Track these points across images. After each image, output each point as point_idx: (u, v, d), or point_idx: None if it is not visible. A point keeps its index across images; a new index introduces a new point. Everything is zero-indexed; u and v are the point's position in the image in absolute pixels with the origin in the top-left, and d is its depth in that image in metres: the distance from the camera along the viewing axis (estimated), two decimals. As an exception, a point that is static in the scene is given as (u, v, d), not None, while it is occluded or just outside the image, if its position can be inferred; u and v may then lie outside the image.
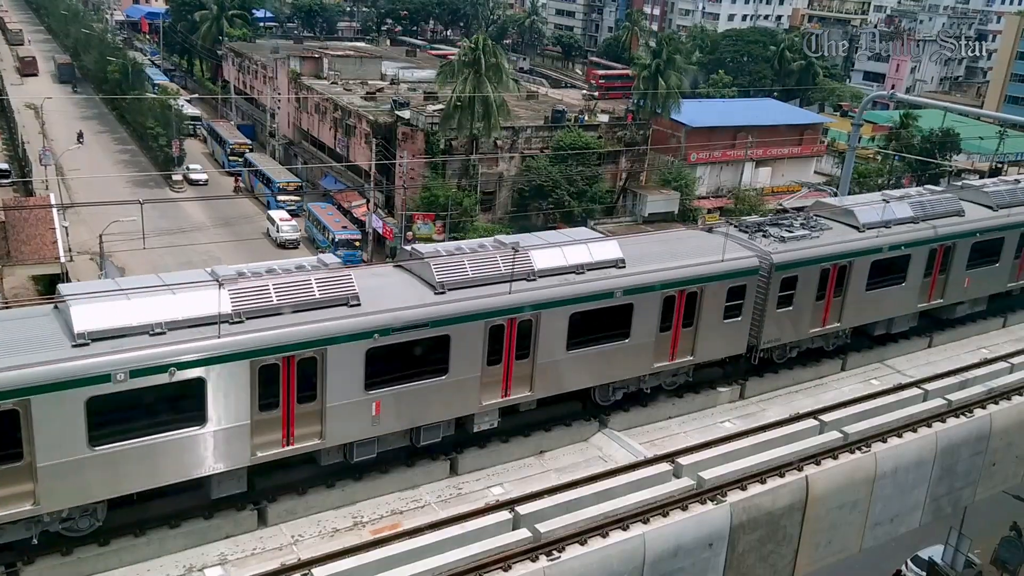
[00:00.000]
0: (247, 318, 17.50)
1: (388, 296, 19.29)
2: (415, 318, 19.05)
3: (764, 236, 25.53)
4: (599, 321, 21.78)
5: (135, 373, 16.16)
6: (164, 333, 16.66)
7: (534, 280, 20.84)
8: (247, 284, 17.89)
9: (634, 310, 22.04)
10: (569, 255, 21.68)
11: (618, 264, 22.15)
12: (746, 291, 24.01)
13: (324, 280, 18.59)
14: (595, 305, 21.47)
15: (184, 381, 16.69)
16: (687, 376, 24.44)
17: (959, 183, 33.45)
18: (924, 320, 30.42)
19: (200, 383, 16.88)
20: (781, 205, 32.60)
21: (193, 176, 75.66)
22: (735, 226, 26.53)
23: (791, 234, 25.71)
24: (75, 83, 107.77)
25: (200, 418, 17.05)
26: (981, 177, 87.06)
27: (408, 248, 21.51)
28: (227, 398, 17.19)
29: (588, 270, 21.68)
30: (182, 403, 16.98)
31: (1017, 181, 33.12)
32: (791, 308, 25.29)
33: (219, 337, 17.00)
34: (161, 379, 16.45)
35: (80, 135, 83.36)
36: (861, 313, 27.35)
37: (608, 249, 22.39)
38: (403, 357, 19.27)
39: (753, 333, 24.88)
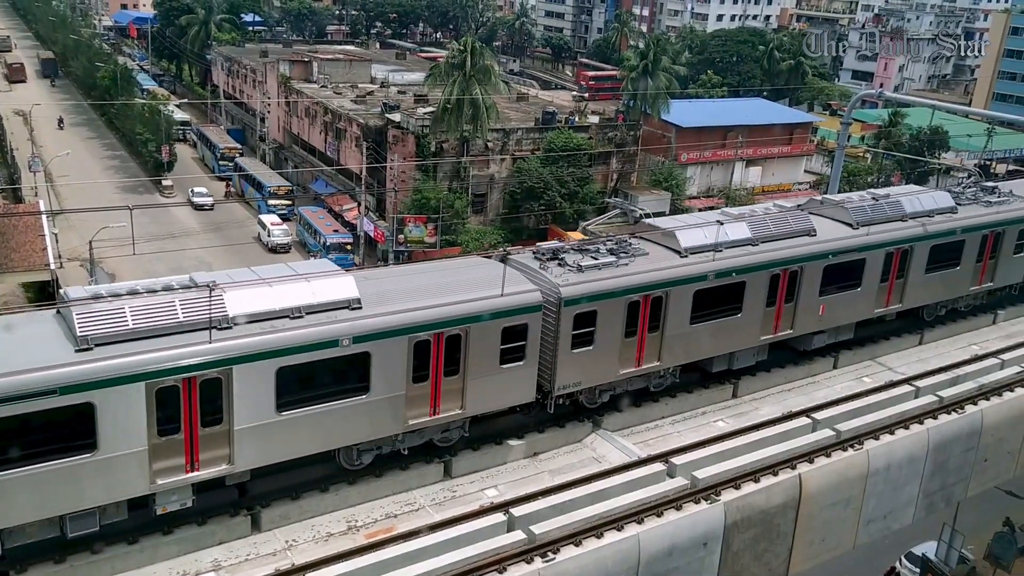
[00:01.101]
0: None
1: (3, 356, 15.67)
2: (31, 384, 15.30)
3: (560, 265, 22.07)
4: (323, 375, 18.51)
5: None
6: None
7: (228, 328, 17.26)
8: None
9: (372, 360, 18.59)
10: (282, 296, 18.06)
11: (352, 305, 18.58)
12: (528, 331, 20.55)
13: None
14: (314, 356, 17.91)
15: None
16: (462, 431, 21.07)
17: (819, 198, 29.76)
18: (781, 353, 27.58)
19: None
20: (585, 229, 29.86)
21: (198, 200, 69.44)
22: (532, 252, 22.96)
23: (593, 262, 22.25)
24: (53, 78, 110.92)
25: None
26: (970, 175, 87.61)
27: (62, 291, 17.80)
28: None
29: (308, 313, 18.03)
30: None
31: (887, 195, 29.79)
32: (591, 348, 21.81)
33: None
34: None
35: (60, 121, 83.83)
36: (687, 349, 24.08)
37: (338, 287, 18.75)
38: (23, 433, 15.68)
39: (545, 377, 21.59)
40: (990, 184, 32.59)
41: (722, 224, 24.71)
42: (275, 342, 17.54)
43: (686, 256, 23.71)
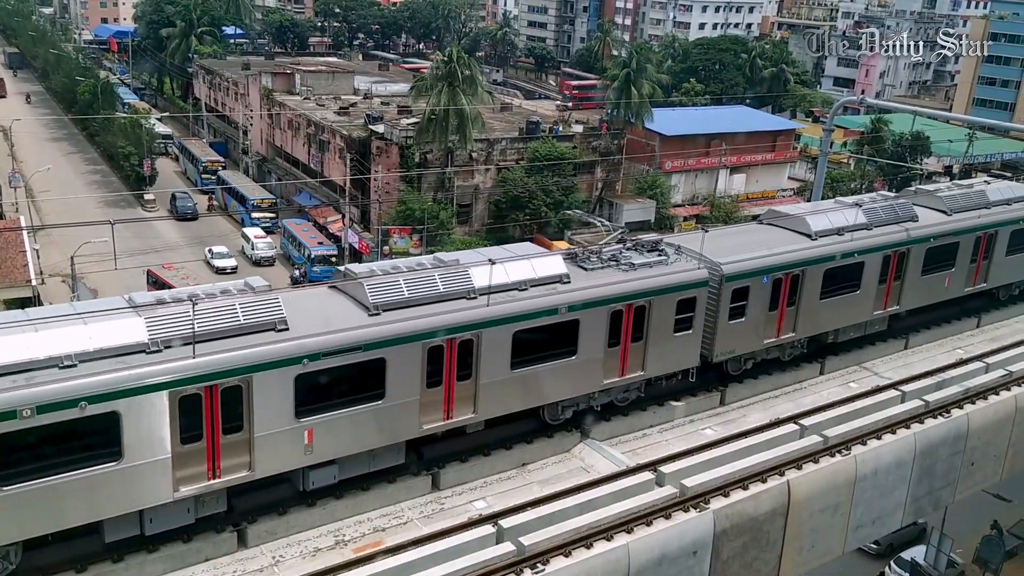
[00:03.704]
0: None
1: None
2: None
3: None
4: None
5: None
6: None
7: None
8: None
9: None
10: None
11: None
12: None
13: None
14: None
15: None
16: None
17: (347, 276, 20.76)
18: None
19: None
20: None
21: (218, 263, 58.88)
22: None
23: None
24: (15, 69, 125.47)
25: None
26: (953, 179, 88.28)
27: None
28: None
29: None
30: None
31: (456, 262, 21.45)
32: None
33: None
34: None
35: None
36: (25, 518, 15.97)
37: None
38: None
39: None
40: (650, 239, 25.06)
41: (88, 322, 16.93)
42: None
43: (157, 351, 16.93)
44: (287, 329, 18.22)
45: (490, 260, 21.24)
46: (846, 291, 27.59)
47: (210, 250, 60.99)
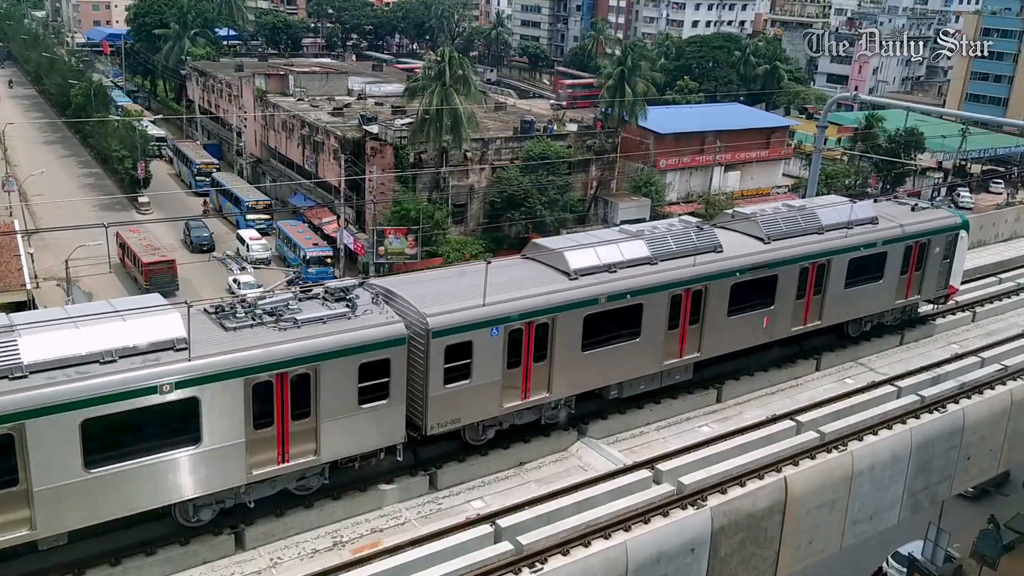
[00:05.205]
0: None
1: None
2: None
3: None
4: None
5: None
6: None
7: None
8: None
9: None
10: None
11: None
12: None
13: None
14: None
15: None
16: None
17: None
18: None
19: None
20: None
21: (242, 279, 54.91)
22: None
23: None
24: (2, 62, 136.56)
25: None
26: (946, 176, 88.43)
27: None
28: None
29: None
30: None
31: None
32: None
33: None
34: None
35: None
36: None
37: None
38: None
39: None
40: (340, 284, 20.17)
41: None
42: None
43: None
44: None
45: (72, 322, 16.37)
46: (621, 339, 22.80)
47: (236, 280, 55.40)
